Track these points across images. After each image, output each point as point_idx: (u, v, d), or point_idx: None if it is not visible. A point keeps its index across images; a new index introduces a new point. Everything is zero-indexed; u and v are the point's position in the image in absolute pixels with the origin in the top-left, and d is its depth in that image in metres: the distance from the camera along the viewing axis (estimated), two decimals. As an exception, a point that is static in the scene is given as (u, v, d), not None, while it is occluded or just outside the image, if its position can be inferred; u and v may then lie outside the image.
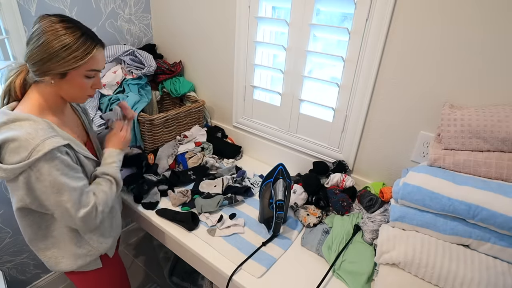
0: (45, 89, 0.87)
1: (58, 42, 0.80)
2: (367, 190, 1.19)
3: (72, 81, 0.86)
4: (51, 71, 0.82)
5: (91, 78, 0.90)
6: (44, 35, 0.80)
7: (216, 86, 1.67)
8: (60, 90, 0.88)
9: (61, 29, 0.81)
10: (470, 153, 0.89)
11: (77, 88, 0.89)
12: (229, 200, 1.23)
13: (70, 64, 0.82)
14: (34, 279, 1.74)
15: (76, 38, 0.82)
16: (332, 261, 0.98)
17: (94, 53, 0.85)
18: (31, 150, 0.76)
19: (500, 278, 0.75)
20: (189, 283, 1.70)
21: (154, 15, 1.78)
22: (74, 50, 0.82)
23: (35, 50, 0.81)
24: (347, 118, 1.25)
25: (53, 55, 0.80)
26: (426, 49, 1.00)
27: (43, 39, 0.80)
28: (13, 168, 0.76)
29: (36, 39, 0.81)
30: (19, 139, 0.77)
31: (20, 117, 0.80)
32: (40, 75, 0.83)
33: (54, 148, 0.79)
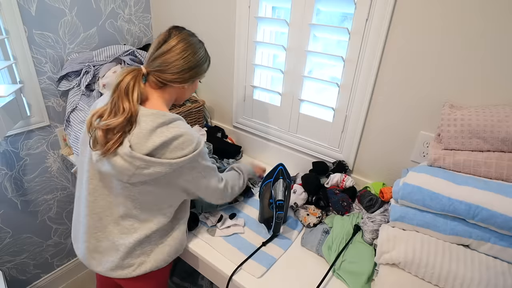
0: (171, 92, 0.97)
1: (199, 54, 0.95)
2: (367, 190, 1.19)
3: (193, 85, 1.02)
4: (192, 79, 0.96)
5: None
6: (189, 47, 0.92)
7: (216, 86, 1.67)
8: (183, 93, 1.01)
9: (197, 43, 0.96)
10: (470, 153, 0.89)
11: (192, 91, 1.05)
12: (229, 200, 1.23)
13: (203, 73, 1.00)
14: (34, 279, 1.74)
15: (205, 51, 1.00)
16: (332, 261, 0.98)
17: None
18: (196, 143, 0.88)
19: (500, 278, 0.75)
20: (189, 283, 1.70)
21: (154, 15, 1.78)
22: (207, 62, 1.00)
23: (181, 61, 0.91)
24: (347, 118, 1.25)
25: (197, 65, 0.95)
26: (426, 49, 1.00)
27: (189, 51, 0.92)
28: (181, 161, 0.85)
29: (180, 50, 0.91)
30: (184, 135, 0.87)
31: (174, 117, 0.89)
32: (181, 82, 0.94)
33: (203, 140, 0.93)
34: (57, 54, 1.47)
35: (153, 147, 0.83)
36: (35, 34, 1.37)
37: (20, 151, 1.49)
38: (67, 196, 1.76)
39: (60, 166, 1.68)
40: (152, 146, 0.83)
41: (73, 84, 1.51)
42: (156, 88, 0.94)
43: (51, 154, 1.62)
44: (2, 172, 1.44)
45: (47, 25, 1.39)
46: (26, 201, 1.57)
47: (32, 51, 1.38)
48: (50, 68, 1.47)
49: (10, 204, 1.51)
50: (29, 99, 1.44)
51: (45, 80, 1.47)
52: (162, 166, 0.84)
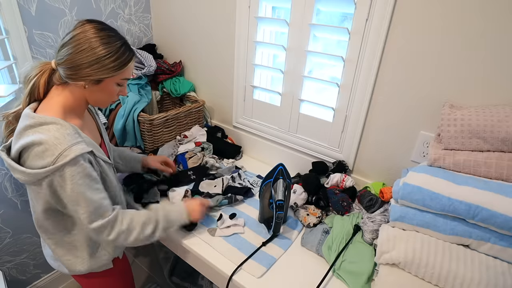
0: (74, 91, 0.87)
1: (99, 50, 0.81)
2: (367, 190, 1.19)
3: (105, 87, 0.88)
4: (88, 77, 0.83)
5: (120, 86, 0.92)
6: (86, 42, 0.80)
7: (216, 86, 1.67)
8: (90, 94, 0.89)
9: (103, 38, 0.82)
10: (470, 153, 0.89)
11: (107, 95, 0.91)
12: (229, 199, 1.23)
13: (108, 72, 0.84)
14: (34, 279, 1.74)
15: (117, 48, 0.84)
16: (332, 261, 0.98)
17: (130, 63, 0.89)
18: (57, 155, 0.76)
19: (500, 278, 0.75)
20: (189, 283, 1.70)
21: (154, 15, 1.78)
22: (113, 60, 0.84)
23: (74, 55, 0.81)
24: (347, 118, 1.25)
25: (93, 62, 0.81)
26: (426, 49, 1.00)
27: (84, 46, 0.80)
28: (38, 172, 0.77)
29: (75, 44, 0.81)
30: (46, 142, 0.76)
31: (47, 120, 0.80)
32: (76, 79, 0.83)
33: (80, 155, 0.79)
34: (57, 54, 1.46)
35: (16, 150, 0.79)
36: (35, 34, 1.37)
37: (20, 151, 1.48)
38: (67, 196, 1.76)
39: (60, 166, 1.67)
40: (16, 149, 0.78)
41: (73, 84, 1.50)
42: (58, 84, 0.88)
43: (51, 154, 1.61)
44: (2, 172, 1.44)
45: (47, 25, 1.39)
46: (26, 201, 1.57)
47: (32, 51, 1.37)
48: (50, 68, 1.47)
49: (10, 204, 1.50)
50: (29, 99, 1.43)
51: (45, 80, 1.46)
52: (19, 174, 0.78)
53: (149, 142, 1.50)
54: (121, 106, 1.44)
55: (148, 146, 1.51)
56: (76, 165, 0.79)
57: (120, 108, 1.44)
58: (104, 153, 0.96)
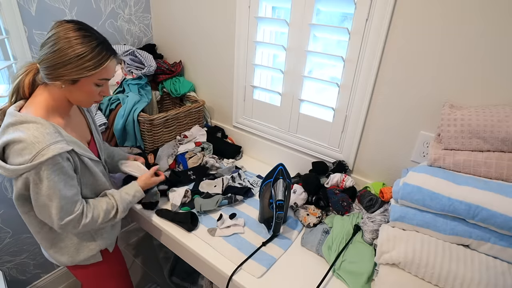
0: (54, 91, 0.88)
1: (73, 50, 0.81)
2: (367, 190, 1.19)
3: (82, 87, 0.88)
4: (63, 77, 0.84)
5: (100, 86, 0.92)
6: (60, 41, 0.81)
7: (216, 86, 1.67)
8: (69, 94, 0.90)
9: (78, 38, 0.82)
10: (470, 153, 0.89)
11: (86, 95, 0.91)
12: (229, 199, 1.23)
13: (82, 72, 0.84)
14: (34, 279, 1.74)
15: (92, 48, 0.83)
16: (332, 261, 0.98)
17: (107, 63, 0.87)
18: (35, 153, 0.78)
19: (500, 278, 0.75)
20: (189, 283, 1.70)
21: (154, 15, 1.78)
22: (88, 60, 0.83)
23: (49, 55, 0.82)
24: (347, 118, 1.25)
25: (66, 62, 0.82)
26: (426, 49, 1.00)
27: (58, 45, 0.81)
28: (15, 169, 0.79)
29: (51, 44, 0.82)
30: (25, 141, 0.78)
31: (28, 119, 0.81)
32: (52, 79, 0.84)
33: (57, 154, 0.81)
34: (57, 54, 1.46)
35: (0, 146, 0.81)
36: (35, 34, 1.37)
37: (20, 151, 1.48)
38: (67, 196, 1.76)
39: (60, 166, 1.67)
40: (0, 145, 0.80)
41: (73, 84, 1.50)
42: (41, 83, 0.90)
43: (51, 154, 1.61)
44: (2, 172, 1.44)
45: (47, 25, 1.39)
46: (26, 201, 1.57)
47: (32, 51, 1.37)
48: (50, 68, 1.47)
49: (10, 204, 1.50)
50: (29, 99, 1.43)
51: (45, 80, 1.46)
52: (1, 169, 0.80)
53: (149, 142, 1.50)
54: (121, 106, 1.44)
55: (148, 146, 1.51)
56: (53, 164, 0.81)
57: (120, 108, 1.44)
58: (90, 152, 0.97)
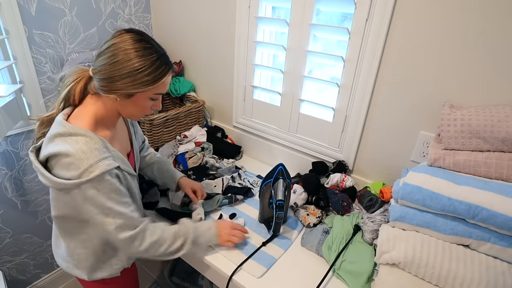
0: (107, 103, 0.85)
1: (132, 64, 0.77)
2: (367, 190, 1.19)
3: (137, 102, 0.84)
4: (119, 91, 0.80)
5: (155, 100, 0.88)
6: (119, 54, 0.77)
7: (216, 86, 1.67)
8: (122, 108, 0.86)
9: (138, 50, 0.78)
10: (470, 153, 0.89)
11: (139, 109, 0.87)
12: (229, 199, 1.23)
13: (140, 87, 0.80)
14: (34, 279, 1.74)
15: (152, 62, 0.79)
16: (332, 261, 0.98)
17: (165, 78, 0.83)
18: (83, 170, 0.75)
19: (500, 278, 0.75)
20: (189, 283, 1.70)
21: (154, 15, 1.78)
22: (147, 74, 0.79)
23: (107, 66, 0.78)
24: (347, 118, 1.25)
25: (125, 75, 0.78)
26: (426, 49, 1.00)
27: (117, 58, 0.77)
28: (62, 183, 0.76)
29: (109, 55, 0.78)
30: (73, 155, 0.75)
31: (77, 132, 0.78)
32: (107, 92, 0.81)
33: (106, 171, 0.78)
34: (57, 54, 1.47)
35: (44, 156, 0.78)
36: (35, 34, 1.37)
37: (20, 151, 1.48)
38: (67, 196, 1.76)
39: (60, 166, 1.67)
40: (44, 155, 0.78)
41: (73, 84, 1.50)
42: (93, 93, 0.86)
43: (51, 154, 1.61)
44: (2, 172, 1.44)
45: (47, 25, 1.39)
46: (26, 201, 1.57)
47: (32, 51, 1.37)
48: (50, 68, 1.47)
49: (10, 204, 1.50)
50: (29, 99, 1.44)
51: (45, 80, 1.46)
52: (45, 178, 0.78)
53: (149, 142, 1.50)
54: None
55: (148, 146, 1.51)
56: (101, 181, 0.77)
57: (120, 108, 1.44)
58: (130, 165, 0.93)
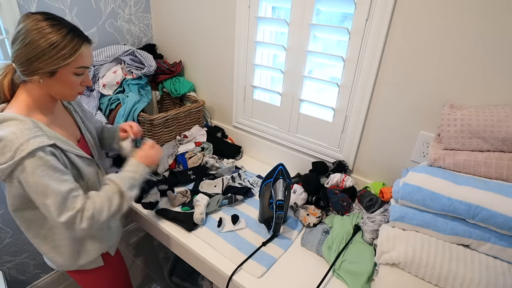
0: (33, 88, 0.86)
1: (45, 40, 0.79)
2: (367, 190, 1.19)
3: (61, 79, 0.85)
4: (39, 70, 0.81)
5: (80, 76, 0.89)
6: (30, 34, 0.79)
7: (216, 86, 1.67)
8: (50, 89, 0.87)
9: (47, 27, 0.79)
10: (470, 153, 0.89)
11: (67, 86, 0.88)
12: (229, 199, 1.23)
13: (59, 62, 0.81)
14: (34, 279, 1.74)
15: (63, 35, 0.81)
16: (332, 261, 0.98)
17: (82, 50, 0.84)
18: (15, 149, 0.76)
19: (500, 278, 0.75)
20: (189, 283, 1.70)
21: (154, 15, 1.78)
22: (61, 48, 0.80)
23: (21, 50, 0.80)
24: (347, 118, 1.25)
25: (40, 54, 0.79)
26: (426, 49, 1.00)
27: (29, 38, 0.79)
28: (1, 168, 0.76)
29: (22, 39, 0.79)
30: (5, 139, 0.76)
31: (6, 117, 0.79)
32: (28, 74, 0.82)
33: (38, 148, 0.78)
34: (57, 54, 1.46)
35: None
36: (35, 34, 1.36)
37: (20, 151, 1.48)
38: (67, 196, 1.76)
39: (60, 166, 1.67)
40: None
41: (73, 84, 1.50)
42: (20, 82, 0.87)
43: (51, 154, 1.61)
44: (2, 172, 1.44)
45: (47, 25, 1.39)
46: (26, 201, 1.57)
47: (32, 51, 1.37)
48: (50, 68, 1.47)
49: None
50: (29, 99, 1.44)
51: (45, 80, 1.46)
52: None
53: (149, 142, 1.50)
54: (121, 106, 1.44)
55: (148, 146, 1.51)
56: (35, 158, 0.77)
57: (120, 108, 1.44)
58: (79, 148, 0.94)
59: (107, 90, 1.51)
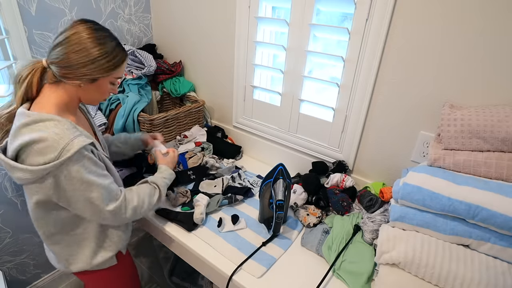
0: (69, 90, 0.88)
1: (97, 50, 0.84)
2: (367, 190, 1.19)
3: (99, 86, 0.91)
4: (85, 76, 0.85)
5: (114, 85, 0.96)
6: (83, 41, 0.82)
7: (216, 86, 1.67)
8: (84, 93, 0.91)
9: (100, 38, 0.85)
10: (470, 153, 0.89)
11: (101, 93, 0.94)
12: (229, 199, 1.23)
13: (105, 71, 0.87)
14: (34, 279, 1.74)
15: (113, 47, 0.87)
16: (332, 261, 0.98)
17: (124, 63, 0.93)
18: (60, 150, 0.78)
19: (500, 278, 0.75)
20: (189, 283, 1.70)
21: (154, 15, 1.78)
22: (111, 59, 0.87)
23: (70, 54, 0.82)
24: (347, 118, 1.25)
25: (90, 62, 0.84)
26: (426, 49, 1.00)
27: (81, 46, 0.82)
28: (41, 169, 0.77)
29: (71, 45, 0.82)
30: (47, 139, 0.77)
31: (43, 117, 0.81)
32: (72, 78, 0.85)
33: (82, 147, 0.81)
34: (57, 54, 1.47)
35: (14, 150, 0.79)
36: (35, 34, 1.37)
37: (20, 151, 1.48)
38: (67, 196, 1.76)
39: (60, 166, 1.67)
40: (14, 148, 0.79)
41: (73, 84, 1.51)
42: (52, 82, 0.88)
43: (51, 154, 1.61)
44: (2, 172, 1.44)
45: (47, 25, 1.39)
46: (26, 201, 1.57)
47: (32, 51, 1.37)
48: (50, 68, 1.47)
49: (10, 204, 1.50)
50: (29, 99, 1.44)
51: (45, 80, 1.46)
52: (21, 172, 0.78)
53: (149, 142, 1.50)
54: (121, 106, 1.44)
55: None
56: (81, 158, 0.81)
57: (120, 108, 1.44)
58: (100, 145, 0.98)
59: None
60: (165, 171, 1.11)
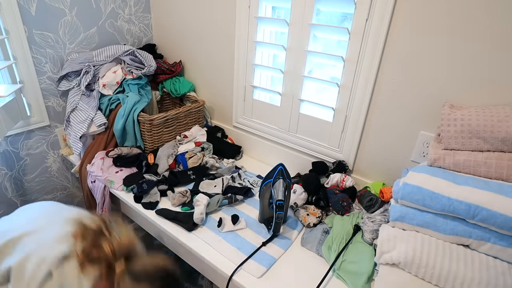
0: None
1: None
2: (367, 190, 1.19)
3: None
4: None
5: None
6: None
7: (216, 86, 1.67)
8: None
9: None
10: (470, 153, 0.89)
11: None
12: (229, 199, 1.23)
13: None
14: (34, 279, 1.74)
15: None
16: (332, 261, 0.98)
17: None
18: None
19: (500, 278, 0.75)
20: (189, 283, 1.70)
21: (154, 15, 1.78)
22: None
23: None
24: (347, 118, 1.25)
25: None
26: (426, 49, 1.00)
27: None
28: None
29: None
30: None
31: None
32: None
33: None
34: (57, 54, 1.47)
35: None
36: (35, 34, 1.37)
37: (20, 151, 1.49)
38: (67, 196, 1.76)
39: (60, 166, 1.68)
40: None
41: (73, 84, 1.51)
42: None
43: (51, 154, 1.61)
44: (2, 172, 1.44)
45: (47, 25, 1.39)
46: (26, 201, 1.57)
47: (32, 51, 1.38)
48: (50, 68, 1.47)
49: (10, 204, 1.51)
50: (29, 99, 1.44)
51: (45, 80, 1.47)
52: None
53: (149, 142, 1.50)
54: (121, 106, 1.44)
55: (148, 146, 1.51)
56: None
57: (120, 108, 1.44)
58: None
59: (107, 90, 1.51)
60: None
